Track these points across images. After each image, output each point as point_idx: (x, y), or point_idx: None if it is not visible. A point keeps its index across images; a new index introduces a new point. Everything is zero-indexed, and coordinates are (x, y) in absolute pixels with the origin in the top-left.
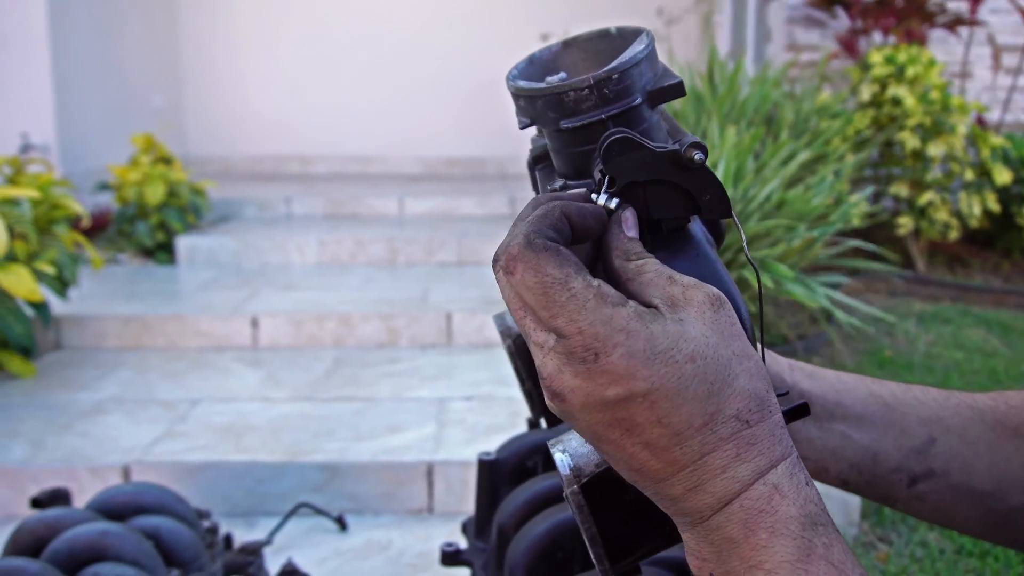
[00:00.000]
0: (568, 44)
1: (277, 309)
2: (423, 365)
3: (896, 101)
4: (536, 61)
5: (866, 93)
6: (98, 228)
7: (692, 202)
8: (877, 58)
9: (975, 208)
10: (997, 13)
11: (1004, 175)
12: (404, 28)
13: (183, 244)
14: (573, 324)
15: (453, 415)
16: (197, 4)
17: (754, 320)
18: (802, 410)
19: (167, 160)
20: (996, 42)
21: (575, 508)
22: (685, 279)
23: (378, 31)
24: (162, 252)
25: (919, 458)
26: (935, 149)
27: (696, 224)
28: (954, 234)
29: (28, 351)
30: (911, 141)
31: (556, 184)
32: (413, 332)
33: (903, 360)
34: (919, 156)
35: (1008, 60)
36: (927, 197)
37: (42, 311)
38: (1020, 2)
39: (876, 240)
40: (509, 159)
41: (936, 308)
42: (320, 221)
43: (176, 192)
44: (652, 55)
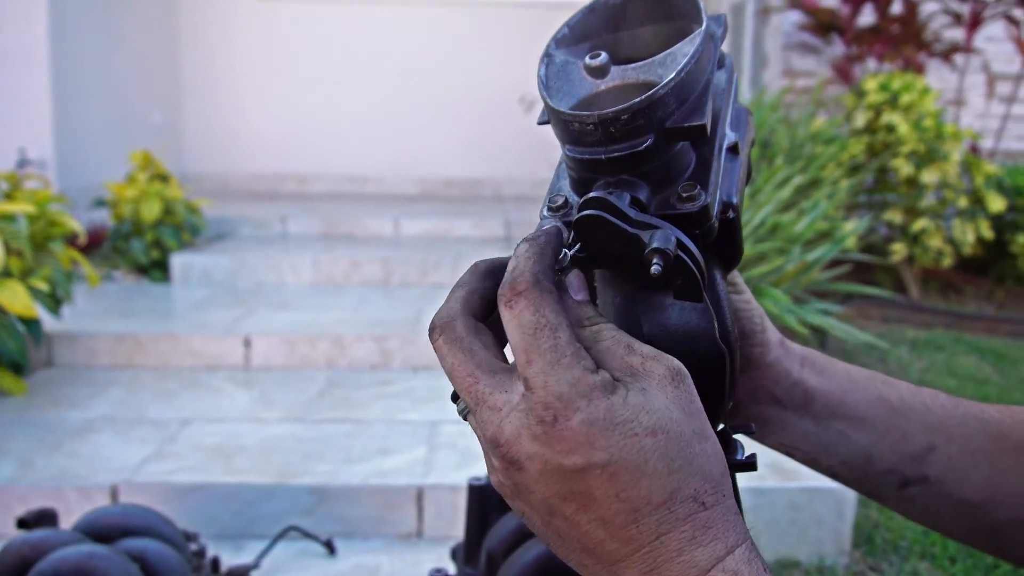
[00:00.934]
0: None
1: (270, 329)
2: (415, 387)
3: (890, 128)
4: (599, 8)
5: (860, 120)
6: (93, 245)
7: (664, 283)
8: (872, 85)
9: (968, 235)
10: (993, 41)
11: (998, 203)
12: (403, 49)
13: (177, 262)
14: (543, 375)
15: (444, 438)
16: (198, 22)
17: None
18: (748, 467)
19: (164, 177)
20: (991, 70)
21: None
22: (644, 348)
23: (377, 52)
24: (156, 270)
25: (915, 464)
26: (929, 176)
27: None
28: (947, 261)
29: (20, 368)
30: (905, 168)
31: (559, 199)
32: (406, 354)
33: None
34: (913, 183)
35: (1002, 88)
36: (921, 224)
37: (34, 328)
38: (1015, 31)
39: (870, 266)
40: (505, 181)
41: (929, 335)
42: (315, 240)
43: (172, 210)
44: (687, 79)
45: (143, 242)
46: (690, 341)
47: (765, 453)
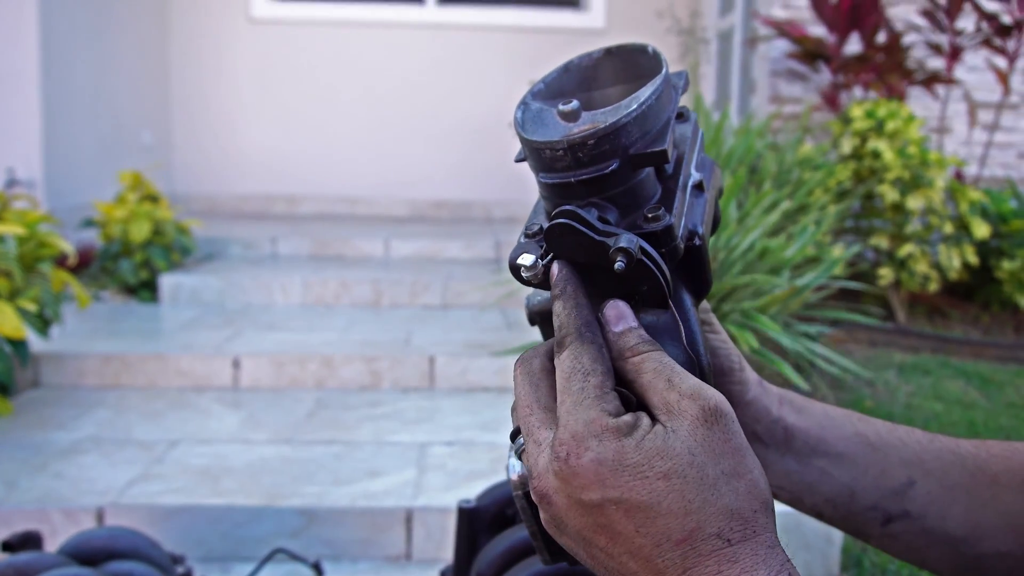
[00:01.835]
0: (610, 52)
1: (259, 350)
2: (405, 408)
3: (876, 155)
4: (573, 69)
5: (847, 146)
6: (82, 265)
7: (631, 288)
8: (858, 112)
9: (954, 260)
10: (974, 71)
11: (982, 229)
12: (393, 72)
13: (166, 282)
14: (567, 415)
15: (434, 460)
16: (188, 43)
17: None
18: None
19: (154, 198)
20: (972, 99)
21: (519, 509)
22: (684, 385)
23: (367, 74)
24: (145, 290)
25: (896, 499)
26: (914, 202)
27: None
28: (934, 286)
29: (6, 389)
30: (891, 194)
31: (535, 226)
32: (396, 375)
33: (883, 411)
34: (899, 209)
35: (984, 116)
36: (907, 249)
37: (20, 349)
38: (996, 61)
39: (857, 291)
40: (496, 203)
41: (916, 359)
42: (305, 261)
43: (162, 230)
44: (648, 112)
45: (132, 262)
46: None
47: None
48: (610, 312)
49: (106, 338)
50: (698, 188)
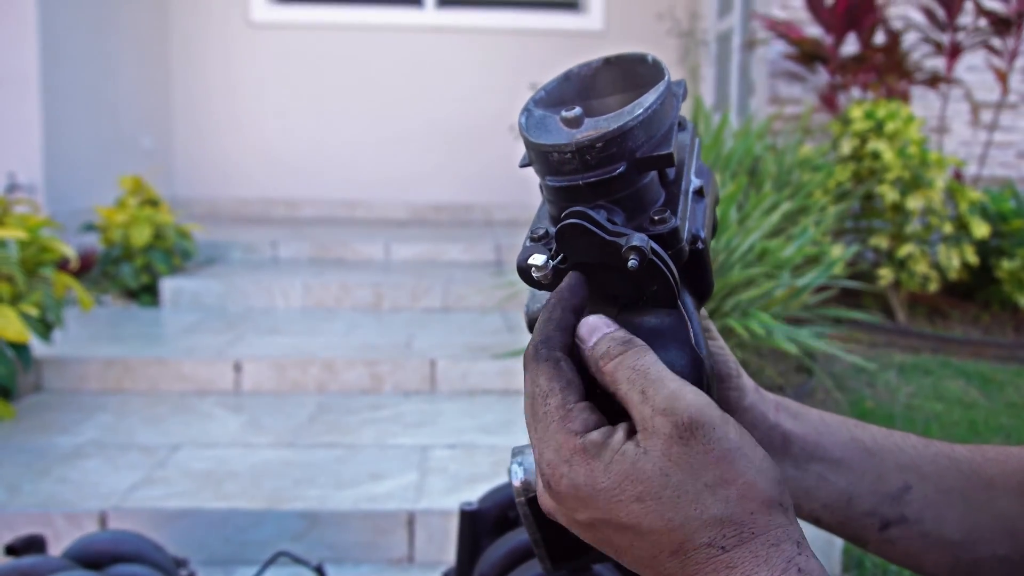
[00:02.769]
0: (609, 62)
1: (261, 354)
2: (406, 412)
3: (875, 155)
4: (573, 77)
5: (846, 147)
6: (83, 269)
7: (640, 288)
8: (857, 113)
9: (954, 260)
10: (973, 71)
11: (982, 229)
12: (393, 75)
13: (167, 286)
14: (539, 444)
15: (435, 463)
16: (189, 48)
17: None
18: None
19: (154, 202)
20: (973, 99)
21: (521, 515)
22: (657, 397)
23: (367, 77)
24: (146, 294)
25: (893, 504)
26: (914, 202)
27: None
28: (934, 286)
29: (8, 393)
30: (890, 194)
31: (540, 230)
32: (397, 378)
33: (884, 411)
34: (899, 209)
35: (983, 116)
36: (907, 249)
37: (23, 353)
38: (994, 61)
39: (857, 291)
40: (496, 206)
41: (916, 359)
42: (306, 265)
43: (162, 234)
44: (653, 117)
45: (133, 267)
46: (664, 352)
47: None
48: (582, 330)
49: (108, 342)
50: (698, 194)
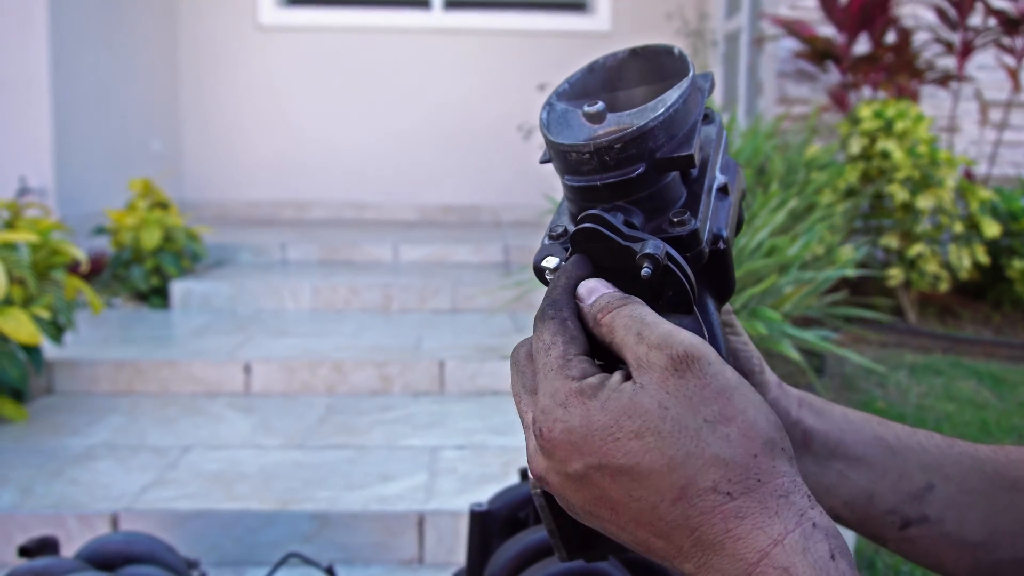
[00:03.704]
0: (636, 53)
1: (270, 355)
2: (416, 413)
3: (885, 155)
4: (597, 69)
5: (856, 146)
6: (93, 272)
7: (656, 293)
8: (866, 112)
9: (965, 260)
10: (983, 69)
11: (993, 228)
12: (400, 76)
13: (177, 289)
14: (539, 391)
15: (445, 464)
16: (198, 51)
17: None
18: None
19: (164, 205)
20: (984, 97)
21: (537, 506)
22: (652, 336)
23: (375, 79)
24: (156, 296)
25: (914, 503)
26: (924, 202)
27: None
28: (944, 286)
29: (20, 395)
30: (900, 194)
31: (559, 228)
32: (406, 379)
33: (895, 411)
34: (908, 208)
35: (994, 115)
36: (917, 249)
37: (34, 355)
38: (1005, 59)
39: (867, 291)
40: (504, 207)
41: (927, 359)
42: (315, 267)
43: (172, 237)
44: (675, 116)
45: (143, 269)
46: None
47: None
48: (581, 290)
49: (119, 345)
50: (723, 191)
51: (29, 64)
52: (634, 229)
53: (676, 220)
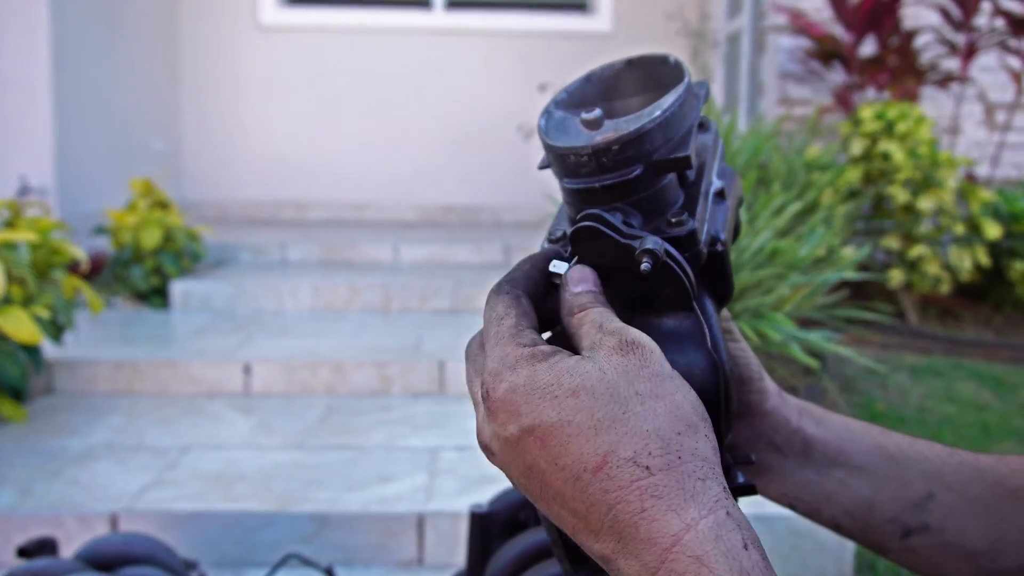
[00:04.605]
0: (632, 63)
1: (270, 355)
2: (415, 413)
3: (886, 156)
4: (594, 79)
5: (857, 147)
6: (93, 272)
7: (656, 291)
8: (867, 113)
9: (966, 262)
10: (986, 71)
11: (994, 230)
12: (401, 76)
13: (177, 289)
14: (488, 358)
15: (445, 465)
16: (198, 51)
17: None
18: (747, 490)
19: (164, 204)
20: (987, 99)
21: (540, 515)
22: (612, 326)
23: (375, 79)
24: (156, 296)
25: (915, 512)
26: (925, 203)
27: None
28: (945, 287)
29: (20, 395)
30: (901, 195)
31: (558, 232)
32: (406, 380)
33: (896, 413)
34: (910, 210)
35: (997, 117)
36: (918, 250)
37: (34, 355)
38: (1009, 61)
39: (868, 293)
40: (504, 207)
41: (928, 361)
42: (315, 267)
43: (172, 237)
44: (671, 119)
45: (143, 269)
46: (681, 355)
47: None
48: (574, 273)
49: (118, 344)
50: (720, 196)
51: (30, 64)
52: (632, 228)
53: (674, 221)
